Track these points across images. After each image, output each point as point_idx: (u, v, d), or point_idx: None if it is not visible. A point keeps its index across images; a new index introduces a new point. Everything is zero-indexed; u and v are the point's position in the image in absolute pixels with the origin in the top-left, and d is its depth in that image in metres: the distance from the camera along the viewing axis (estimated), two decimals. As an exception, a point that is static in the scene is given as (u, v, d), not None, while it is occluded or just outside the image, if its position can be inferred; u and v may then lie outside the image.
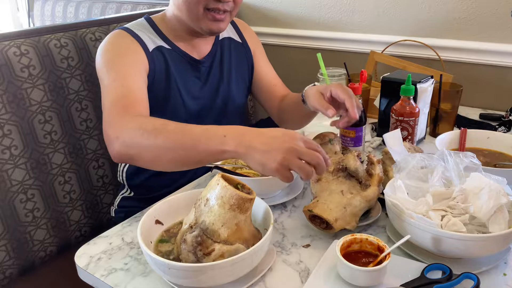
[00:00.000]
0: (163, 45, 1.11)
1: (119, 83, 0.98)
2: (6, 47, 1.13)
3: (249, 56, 1.29)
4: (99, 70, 1.04)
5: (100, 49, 1.06)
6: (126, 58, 1.03)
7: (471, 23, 1.47)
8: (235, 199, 0.69)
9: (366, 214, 0.89)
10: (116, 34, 1.08)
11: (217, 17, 1.06)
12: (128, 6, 1.98)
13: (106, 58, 1.03)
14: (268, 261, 0.77)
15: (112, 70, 1.01)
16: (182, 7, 1.07)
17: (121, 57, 1.03)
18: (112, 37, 1.07)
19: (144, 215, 0.78)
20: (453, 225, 0.74)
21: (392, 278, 0.72)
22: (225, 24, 1.10)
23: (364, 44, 1.70)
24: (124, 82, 0.98)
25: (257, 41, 1.34)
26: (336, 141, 1.09)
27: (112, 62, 1.02)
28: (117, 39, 1.07)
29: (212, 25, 1.07)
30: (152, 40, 1.10)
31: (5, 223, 1.13)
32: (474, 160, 0.84)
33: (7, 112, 1.12)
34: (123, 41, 1.06)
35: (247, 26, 1.35)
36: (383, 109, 1.26)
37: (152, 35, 1.12)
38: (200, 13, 1.05)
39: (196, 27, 1.09)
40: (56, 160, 1.23)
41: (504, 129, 1.33)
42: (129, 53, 1.05)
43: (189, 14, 1.07)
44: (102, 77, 1.02)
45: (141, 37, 1.08)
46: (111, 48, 1.05)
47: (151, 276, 0.77)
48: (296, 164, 0.74)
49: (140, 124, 0.86)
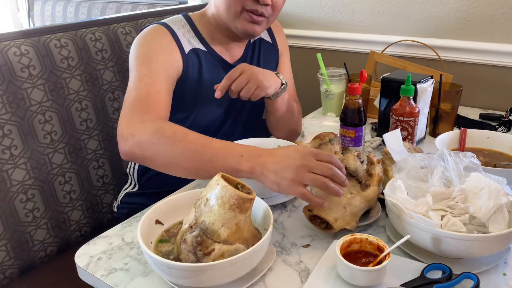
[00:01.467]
0: (199, 47, 1.11)
1: (148, 81, 0.97)
2: (6, 47, 1.13)
3: (277, 58, 1.30)
4: (131, 60, 1.03)
5: (137, 40, 1.06)
6: (161, 57, 1.02)
7: (471, 23, 1.47)
8: (235, 199, 0.69)
9: (366, 214, 0.89)
10: (156, 29, 1.07)
11: (254, 18, 1.06)
12: (128, 6, 1.98)
13: (141, 50, 1.02)
14: (268, 261, 0.77)
15: (144, 65, 1.00)
16: (221, 5, 1.07)
17: (156, 54, 1.02)
18: (152, 31, 1.06)
19: (144, 215, 0.78)
20: (453, 225, 0.74)
21: (392, 278, 0.72)
22: (260, 28, 1.10)
23: (364, 44, 1.70)
24: (152, 81, 0.97)
25: (286, 44, 1.34)
26: (336, 141, 1.09)
27: (147, 57, 1.01)
28: (157, 34, 1.06)
29: (247, 26, 1.07)
30: (188, 41, 1.10)
31: (5, 223, 1.13)
32: (474, 160, 0.84)
33: (7, 112, 1.12)
34: (162, 38, 1.05)
35: (280, 27, 1.34)
36: (383, 109, 1.27)
37: (189, 34, 1.11)
38: (238, 12, 1.05)
39: (232, 26, 1.09)
40: (56, 160, 1.23)
41: (504, 129, 1.33)
42: (166, 52, 1.04)
43: (227, 12, 1.06)
44: (132, 69, 1.02)
45: (179, 36, 1.08)
46: (149, 42, 1.04)
47: (151, 276, 0.77)
48: (308, 179, 0.75)
49: (159, 128, 0.87)
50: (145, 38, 1.05)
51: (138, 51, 1.03)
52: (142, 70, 0.99)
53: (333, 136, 1.08)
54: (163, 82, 0.99)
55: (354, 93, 1.10)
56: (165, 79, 1.01)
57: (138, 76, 0.99)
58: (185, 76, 1.08)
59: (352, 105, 1.11)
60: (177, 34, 1.08)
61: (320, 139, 1.08)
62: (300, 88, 1.87)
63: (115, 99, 1.35)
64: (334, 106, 1.52)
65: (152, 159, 0.88)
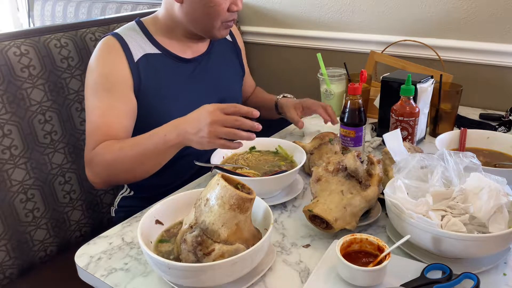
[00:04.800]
0: (151, 52, 1.13)
1: (98, 112, 1.05)
2: (6, 47, 1.13)
3: (239, 56, 1.36)
4: (86, 86, 1.09)
5: (90, 63, 1.09)
6: (111, 80, 1.07)
7: (471, 23, 1.47)
8: (235, 199, 0.69)
9: (366, 214, 0.89)
10: (105, 45, 1.10)
11: (230, 25, 1.14)
12: (128, 6, 1.98)
13: (91, 78, 1.07)
14: (268, 261, 0.77)
15: (94, 95, 1.06)
16: (196, 19, 1.11)
17: (106, 79, 1.07)
18: (100, 50, 1.10)
19: (144, 215, 0.78)
20: (453, 225, 0.74)
21: (392, 278, 0.72)
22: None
23: (364, 44, 1.70)
24: (102, 113, 1.05)
25: (242, 43, 1.42)
26: (336, 141, 1.09)
27: (96, 86, 1.07)
28: (104, 54, 1.09)
29: (224, 32, 1.15)
30: (140, 47, 1.12)
31: (5, 223, 1.13)
32: (474, 160, 0.84)
33: (7, 112, 1.12)
34: (110, 59, 1.08)
35: (235, 27, 1.42)
36: (383, 109, 1.26)
37: (141, 40, 1.13)
38: (218, 26, 1.12)
39: (207, 36, 1.16)
40: (56, 160, 1.23)
41: (504, 129, 1.33)
42: (114, 72, 1.07)
43: (204, 26, 1.12)
44: (86, 97, 1.08)
45: (129, 45, 1.10)
46: (99, 67, 1.08)
47: (151, 276, 0.77)
48: (222, 132, 0.89)
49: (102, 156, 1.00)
50: (95, 61, 1.09)
51: (90, 78, 1.08)
52: (94, 102, 1.06)
53: (333, 136, 1.08)
54: (114, 109, 1.06)
55: (354, 93, 1.10)
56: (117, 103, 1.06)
57: (90, 108, 1.07)
58: (138, 85, 1.10)
59: (352, 105, 1.11)
60: (127, 43, 1.10)
61: (320, 139, 1.08)
62: (300, 88, 1.88)
63: (115, 99, 1.35)
64: (334, 106, 1.51)
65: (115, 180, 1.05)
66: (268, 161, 1.07)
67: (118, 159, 0.99)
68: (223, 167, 1.01)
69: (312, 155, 1.07)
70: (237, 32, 1.40)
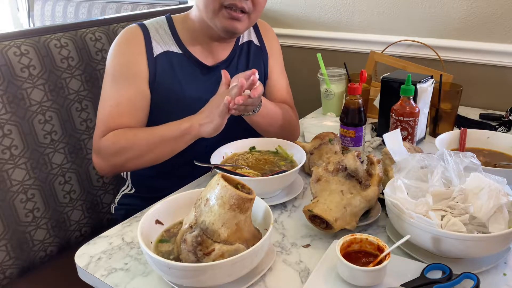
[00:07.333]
0: (173, 50, 1.12)
1: (114, 101, 1.06)
2: (6, 47, 1.13)
3: (265, 61, 1.26)
4: (105, 71, 1.10)
5: (111, 48, 1.10)
6: (128, 71, 1.07)
7: (471, 23, 1.47)
8: (235, 199, 0.69)
9: (366, 214, 0.89)
10: (127, 34, 1.10)
11: (233, 14, 1.03)
12: (128, 6, 1.97)
13: (112, 65, 1.08)
14: (268, 261, 0.77)
15: (112, 83, 1.07)
16: (200, 4, 1.07)
17: (124, 69, 1.07)
18: (123, 37, 1.10)
19: (144, 215, 0.78)
20: (453, 225, 0.74)
21: (392, 278, 0.72)
22: (241, 25, 1.06)
23: (364, 44, 1.70)
24: (117, 102, 1.06)
25: (276, 47, 1.30)
26: (336, 141, 1.09)
27: (114, 74, 1.08)
28: (124, 42, 1.09)
29: (227, 22, 1.04)
30: (163, 43, 1.11)
31: (5, 223, 1.13)
32: (474, 160, 0.84)
33: (7, 112, 1.12)
34: (129, 49, 1.08)
35: (270, 29, 1.31)
36: (383, 109, 1.27)
37: (165, 37, 1.12)
38: (216, 9, 1.03)
39: (213, 25, 1.07)
40: (56, 160, 1.23)
41: (504, 129, 1.33)
42: (131, 63, 1.08)
43: (206, 10, 1.05)
44: (104, 82, 1.09)
45: (152, 38, 1.10)
46: (118, 55, 1.08)
47: (151, 276, 0.77)
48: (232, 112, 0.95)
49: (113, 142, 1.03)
50: (117, 47, 1.09)
51: (110, 64, 1.09)
52: (110, 89, 1.08)
53: (333, 136, 1.08)
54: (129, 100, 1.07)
55: (354, 93, 1.11)
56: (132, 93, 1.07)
57: (105, 94, 1.08)
58: (153, 79, 1.09)
59: (352, 105, 1.11)
60: (150, 36, 1.10)
61: (320, 139, 1.08)
62: (300, 88, 1.88)
63: (115, 99, 1.35)
64: (334, 106, 1.52)
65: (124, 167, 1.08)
66: (268, 161, 1.07)
67: (132, 145, 1.02)
68: (223, 167, 1.01)
69: (312, 155, 1.07)
70: (269, 37, 1.28)
